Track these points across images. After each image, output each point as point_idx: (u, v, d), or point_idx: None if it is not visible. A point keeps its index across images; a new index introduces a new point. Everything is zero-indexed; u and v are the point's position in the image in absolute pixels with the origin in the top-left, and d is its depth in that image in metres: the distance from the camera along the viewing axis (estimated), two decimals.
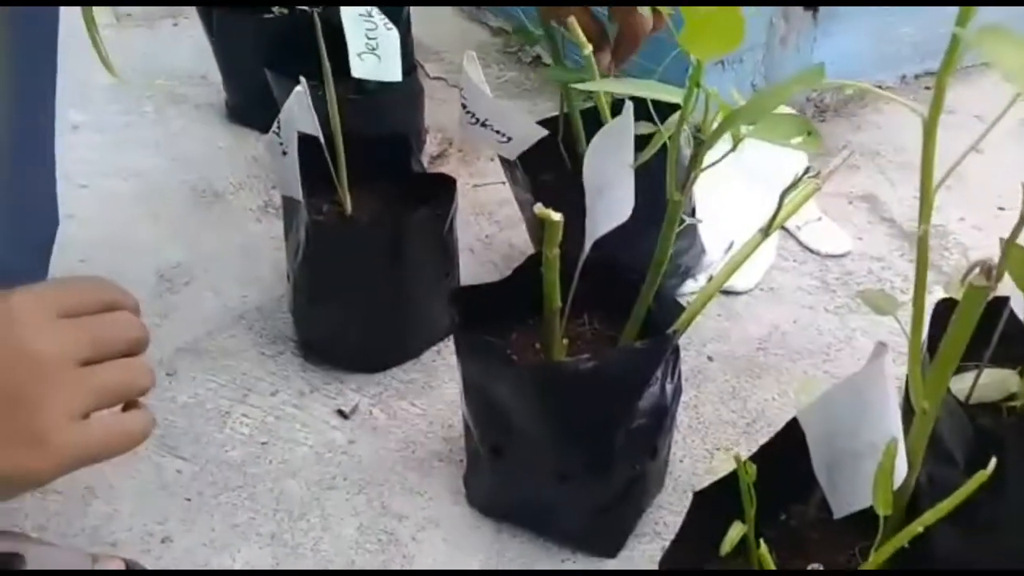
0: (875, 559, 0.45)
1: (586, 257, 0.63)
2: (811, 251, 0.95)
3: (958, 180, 0.92)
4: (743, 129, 0.49)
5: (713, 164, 0.57)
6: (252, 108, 1.19)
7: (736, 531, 0.46)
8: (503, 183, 1.07)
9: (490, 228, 1.03)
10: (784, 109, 1.11)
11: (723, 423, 0.77)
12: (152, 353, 0.87)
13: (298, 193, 0.77)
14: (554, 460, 0.64)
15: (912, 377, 0.43)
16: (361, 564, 0.68)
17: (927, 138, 0.39)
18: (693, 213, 0.86)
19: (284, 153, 0.76)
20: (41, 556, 0.59)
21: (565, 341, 0.66)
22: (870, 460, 0.45)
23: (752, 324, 0.87)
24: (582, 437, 0.62)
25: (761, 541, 0.44)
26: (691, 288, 0.90)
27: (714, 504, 0.52)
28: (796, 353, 0.84)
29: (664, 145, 0.60)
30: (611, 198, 0.60)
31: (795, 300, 0.90)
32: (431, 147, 1.15)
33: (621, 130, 0.58)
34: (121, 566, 0.62)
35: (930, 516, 0.41)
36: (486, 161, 1.13)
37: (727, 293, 0.89)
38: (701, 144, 0.56)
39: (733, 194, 0.97)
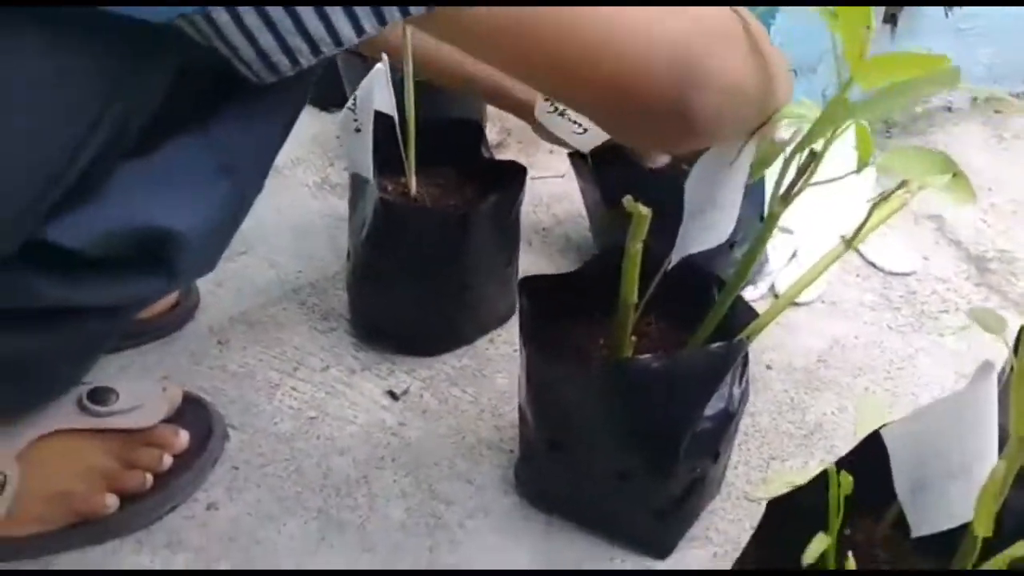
0: None
1: (655, 256, 0.62)
2: (875, 267, 0.94)
3: None
4: (875, 156, 0.47)
5: (827, 182, 0.56)
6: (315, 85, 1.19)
7: (820, 543, 0.44)
8: (561, 177, 1.06)
9: (548, 221, 1.02)
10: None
11: (780, 433, 0.76)
12: (204, 321, 0.88)
13: (369, 171, 0.76)
14: (615, 458, 0.62)
15: (1015, 403, 0.41)
16: (408, 547, 0.67)
17: None
18: None
19: (358, 130, 0.75)
20: (130, 387, 0.71)
21: (633, 339, 0.64)
22: (961, 482, 0.44)
23: (812, 336, 0.86)
24: (647, 437, 0.61)
25: (849, 554, 0.43)
26: (751, 295, 0.88)
27: (786, 513, 0.51)
28: (857, 368, 0.82)
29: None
30: (712, 219, 0.58)
31: (857, 315, 0.88)
32: (491, 136, 1.14)
33: (742, 152, 0.56)
34: (180, 392, 0.74)
35: None
36: (545, 153, 1.12)
37: None
38: (814, 156, 0.55)
39: (797, 204, 0.96)
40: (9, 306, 0.51)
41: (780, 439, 0.75)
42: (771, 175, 0.69)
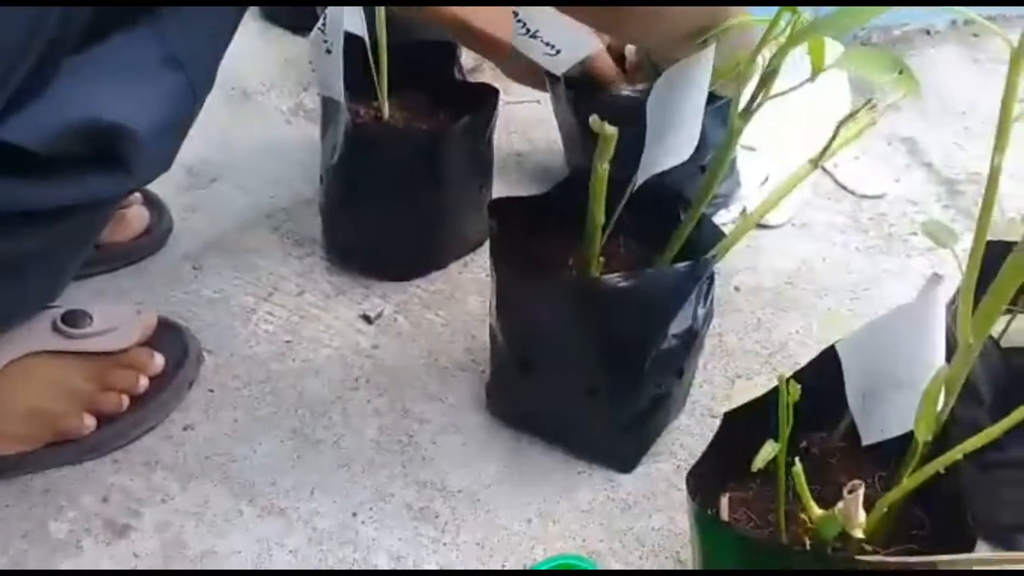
0: (908, 483, 0.45)
1: (626, 179, 0.62)
2: (846, 190, 0.94)
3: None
4: (828, 60, 0.48)
5: (783, 93, 0.56)
6: (286, 8, 1.17)
7: (769, 449, 0.46)
8: (538, 102, 1.05)
9: (523, 147, 1.02)
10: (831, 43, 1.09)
11: (745, 352, 0.77)
12: (177, 247, 0.88)
13: (340, 93, 0.75)
14: (583, 376, 0.64)
15: (963, 310, 0.42)
16: (380, 462, 0.69)
17: (1013, 64, 0.38)
18: None
19: (328, 52, 0.74)
20: (104, 310, 0.72)
21: (601, 259, 0.65)
22: (909, 391, 0.45)
23: (781, 258, 0.87)
24: (614, 354, 0.62)
25: (796, 460, 0.45)
26: (723, 219, 0.89)
27: (742, 425, 0.53)
28: (823, 289, 0.83)
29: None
30: (675, 137, 0.58)
31: (826, 237, 0.89)
32: (465, 61, 1.13)
33: (698, 68, 0.56)
34: (154, 316, 0.74)
35: (970, 444, 0.41)
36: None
37: (758, 226, 0.88)
38: (773, 71, 0.55)
39: (768, 129, 0.96)
40: None
41: (746, 358, 0.77)
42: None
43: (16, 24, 0.44)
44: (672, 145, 0.60)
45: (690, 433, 0.70)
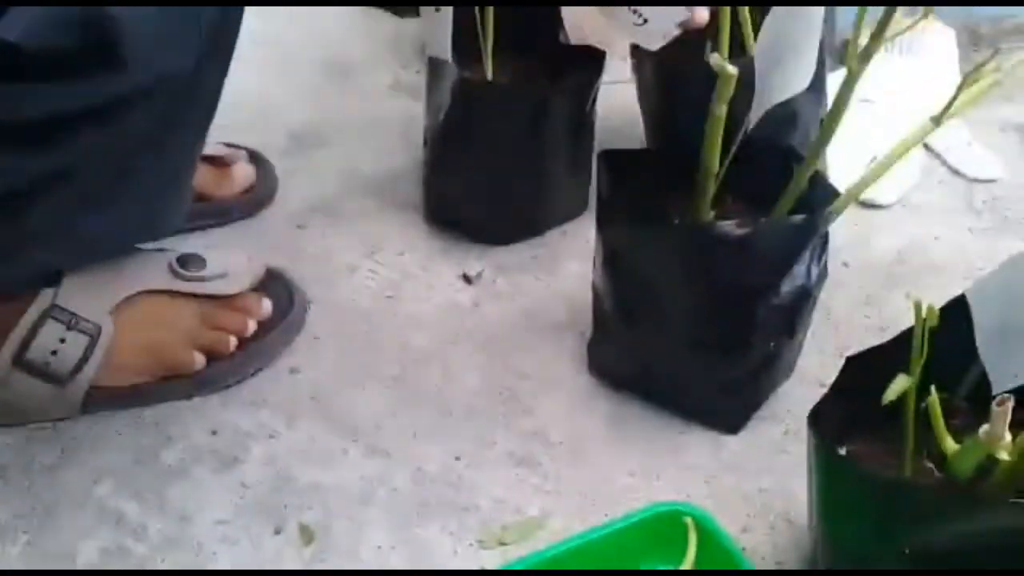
0: None
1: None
2: (959, 174, 0.92)
3: None
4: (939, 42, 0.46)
5: (900, 33, 0.56)
6: None
7: (902, 382, 0.45)
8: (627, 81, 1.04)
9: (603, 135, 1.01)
10: (938, 27, 1.06)
11: (855, 326, 0.76)
12: (282, 206, 0.90)
13: (447, 52, 0.77)
14: (690, 328, 0.63)
15: None
16: (482, 412, 0.69)
17: None
18: None
19: (437, 9, 0.76)
20: (217, 256, 0.74)
21: (712, 213, 0.65)
22: None
23: (891, 236, 0.85)
24: (724, 306, 0.62)
25: (932, 388, 0.43)
26: None
27: (866, 366, 0.51)
28: (937, 267, 0.81)
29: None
30: (790, 65, 0.58)
31: (939, 219, 0.87)
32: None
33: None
34: (263, 265, 0.76)
35: None
36: (618, 60, 1.11)
37: (867, 206, 0.87)
38: (892, 11, 0.55)
39: (874, 114, 0.94)
40: None
41: (855, 331, 0.75)
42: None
43: None
44: (789, 75, 0.59)
45: (798, 400, 0.69)
